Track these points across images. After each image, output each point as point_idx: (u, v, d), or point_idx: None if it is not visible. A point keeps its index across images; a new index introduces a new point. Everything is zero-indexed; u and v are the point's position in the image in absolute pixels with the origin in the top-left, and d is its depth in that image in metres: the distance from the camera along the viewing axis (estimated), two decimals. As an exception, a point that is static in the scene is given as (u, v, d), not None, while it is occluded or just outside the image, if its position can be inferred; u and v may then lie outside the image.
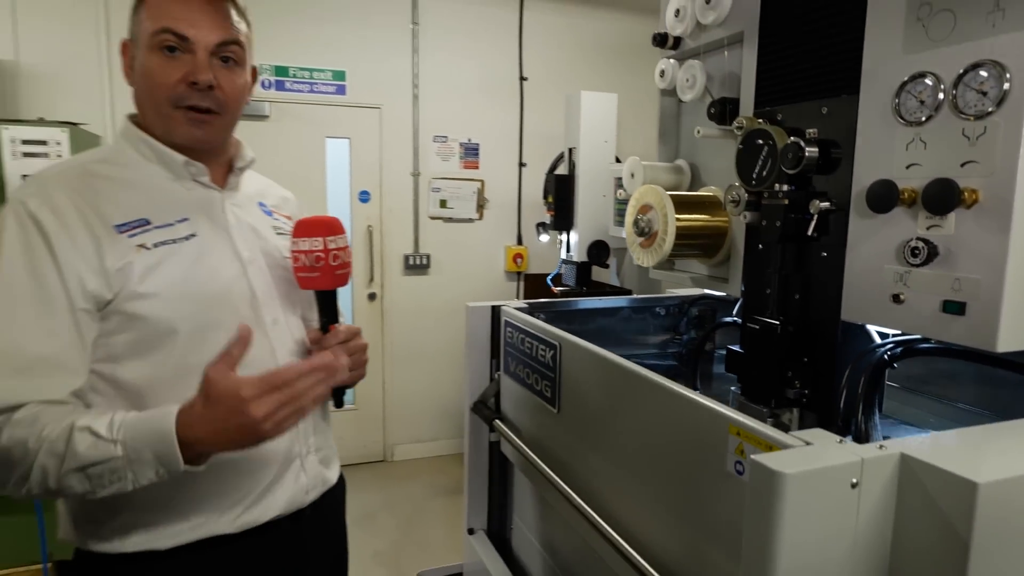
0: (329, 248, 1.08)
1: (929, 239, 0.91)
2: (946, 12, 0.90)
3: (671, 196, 1.32)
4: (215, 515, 1.02)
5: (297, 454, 1.11)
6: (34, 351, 0.91)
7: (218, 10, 1.04)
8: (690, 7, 1.37)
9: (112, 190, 1.02)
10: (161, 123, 1.05)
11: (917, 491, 0.66)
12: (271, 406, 0.85)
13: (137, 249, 0.98)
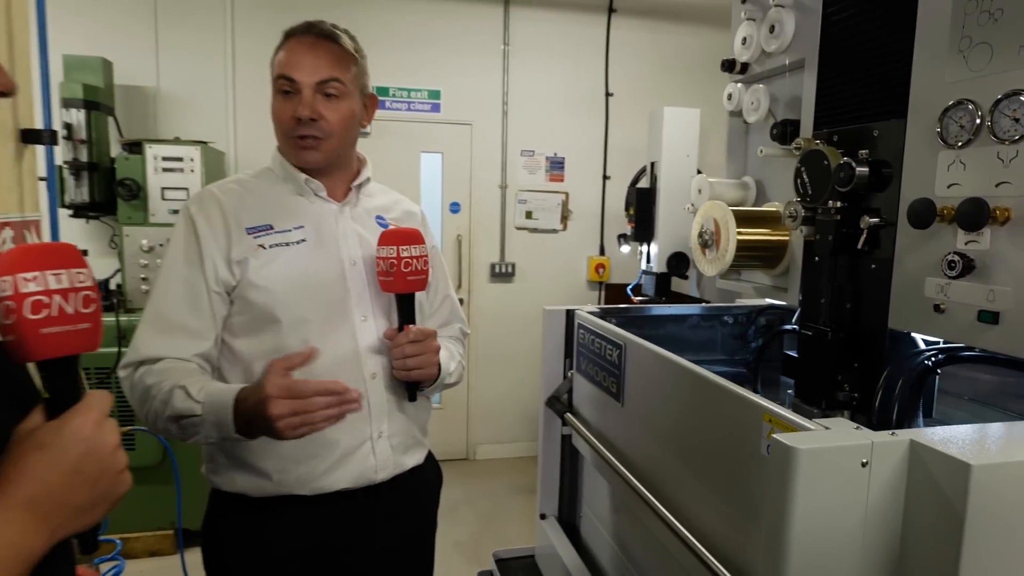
0: (401, 256, 1.23)
1: (966, 253, 0.98)
2: (984, 45, 0.97)
3: (733, 211, 1.43)
4: (291, 479, 1.22)
5: (367, 437, 1.27)
6: (177, 320, 1.18)
7: (320, 55, 1.25)
8: (756, 36, 1.48)
9: (251, 200, 1.27)
10: (286, 150, 1.29)
11: (923, 473, 0.76)
12: (285, 410, 1.03)
13: (256, 248, 1.21)
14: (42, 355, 0.66)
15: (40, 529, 0.60)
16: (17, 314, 0.64)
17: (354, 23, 3.82)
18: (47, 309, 0.65)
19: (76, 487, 0.63)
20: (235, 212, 1.24)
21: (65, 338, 0.66)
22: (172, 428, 1.12)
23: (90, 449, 0.64)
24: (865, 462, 0.76)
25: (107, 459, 0.66)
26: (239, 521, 1.24)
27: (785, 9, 1.38)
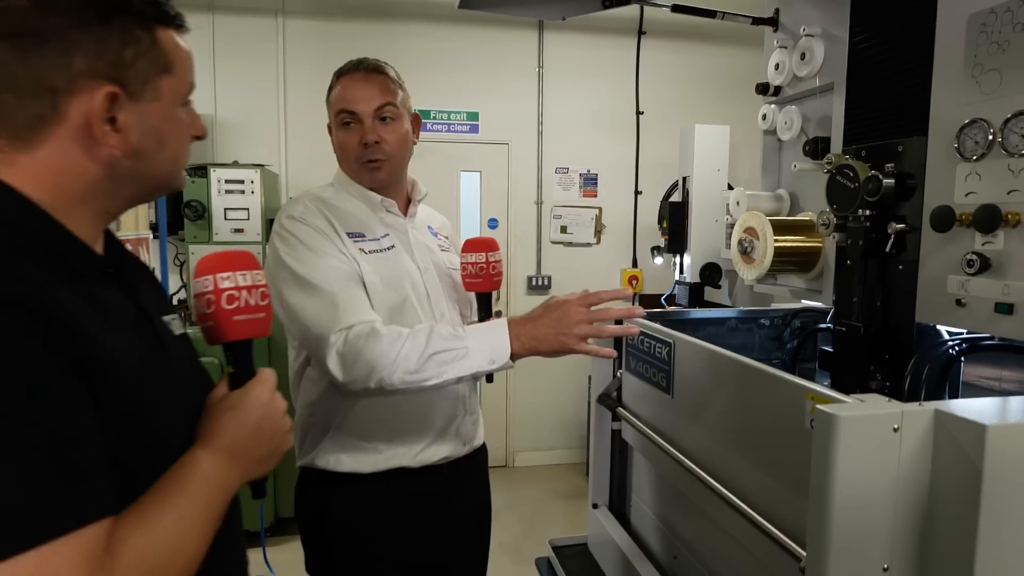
0: (489, 261, 1.45)
1: (983, 253, 1.12)
2: (994, 71, 1.11)
3: (770, 221, 1.57)
4: (400, 452, 1.40)
5: (459, 414, 1.47)
6: (360, 304, 1.32)
7: (372, 85, 1.43)
8: (788, 62, 1.63)
9: (337, 212, 1.43)
10: (355, 174, 1.47)
11: (947, 436, 0.89)
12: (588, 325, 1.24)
13: (360, 251, 1.39)
14: (234, 337, 0.83)
15: (235, 472, 0.77)
16: (216, 305, 0.82)
17: (396, 51, 4.14)
18: (238, 301, 0.82)
19: (258, 441, 0.81)
20: (337, 217, 1.41)
21: (250, 324, 0.84)
22: (430, 369, 1.22)
23: (268, 412, 0.82)
24: (896, 428, 0.90)
25: (279, 421, 0.84)
26: (346, 495, 1.41)
27: (815, 38, 1.53)
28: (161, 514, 0.66)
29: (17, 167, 0.70)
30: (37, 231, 0.70)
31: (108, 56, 0.71)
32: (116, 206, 0.80)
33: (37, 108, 0.70)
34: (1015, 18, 1.07)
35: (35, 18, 0.68)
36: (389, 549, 1.43)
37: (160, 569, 0.64)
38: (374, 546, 1.42)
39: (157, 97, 0.76)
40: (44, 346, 0.60)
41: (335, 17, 4.09)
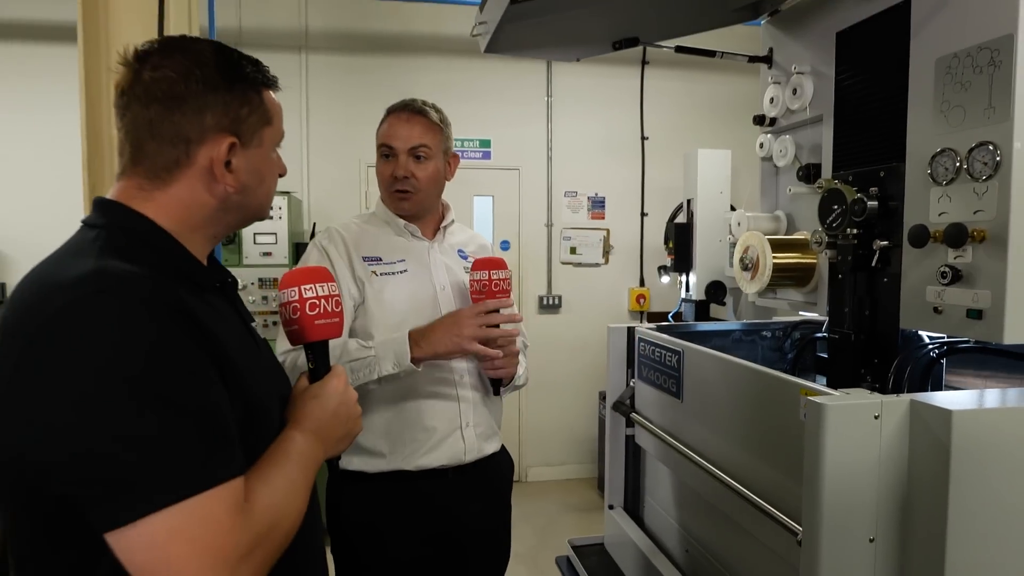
0: (492, 279, 1.58)
1: (955, 265, 1.27)
2: (959, 107, 1.28)
3: (769, 239, 1.73)
4: (399, 458, 1.57)
5: (458, 426, 1.62)
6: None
7: (414, 125, 1.64)
8: (781, 96, 1.79)
9: (363, 237, 1.65)
10: (387, 201, 1.69)
11: (920, 422, 1.04)
12: (477, 327, 1.47)
13: (371, 274, 1.60)
14: (315, 338, 1.00)
15: (320, 448, 0.93)
16: (301, 311, 0.99)
17: (411, 82, 4.40)
18: (318, 308, 0.99)
19: (335, 424, 0.97)
20: (355, 244, 1.63)
21: (328, 327, 1.01)
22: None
23: (343, 400, 0.98)
24: (877, 416, 1.05)
25: (352, 408, 1.00)
26: (356, 491, 1.59)
27: (805, 75, 1.70)
28: (277, 475, 0.82)
29: (153, 202, 0.88)
30: (169, 251, 0.87)
31: (231, 114, 0.89)
32: (221, 232, 0.97)
33: (174, 154, 0.87)
34: (975, 62, 1.24)
35: (180, 86, 0.86)
36: (393, 542, 1.58)
37: (279, 517, 0.80)
38: (380, 538, 1.59)
39: (260, 144, 0.94)
40: (193, 341, 0.76)
41: (355, 52, 4.32)
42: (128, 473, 0.69)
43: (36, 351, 0.72)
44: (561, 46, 1.92)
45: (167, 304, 0.77)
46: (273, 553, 0.79)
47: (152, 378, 0.72)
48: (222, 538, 0.71)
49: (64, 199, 4.00)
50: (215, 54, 0.91)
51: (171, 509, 0.69)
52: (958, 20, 1.27)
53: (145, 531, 0.68)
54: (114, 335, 0.72)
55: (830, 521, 1.06)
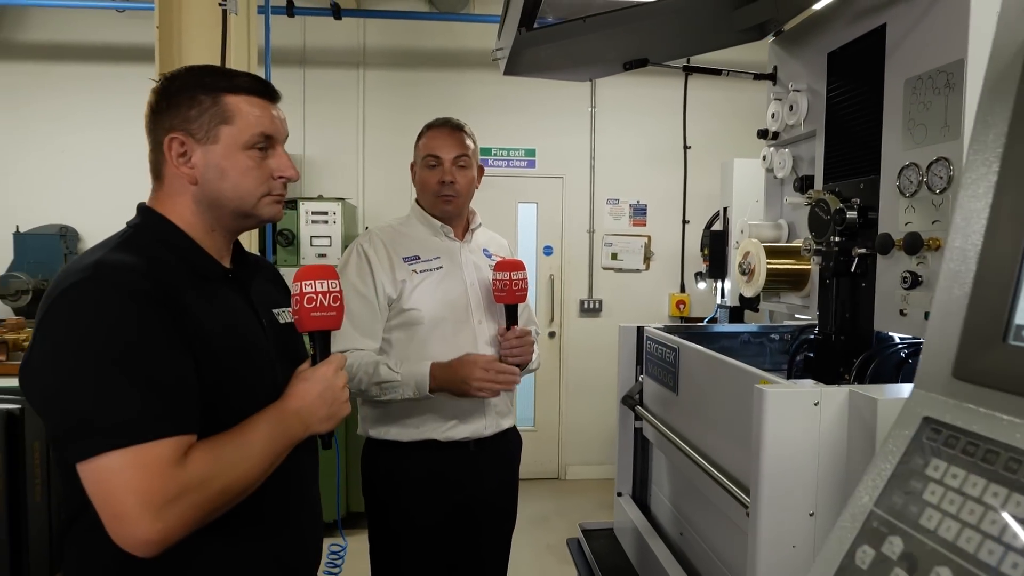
0: (512, 279, 1.79)
1: (915, 272, 1.37)
2: (921, 126, 1.38)
3: (765, 246, 1.84)
4: (431, 428, 1.79)
5: (481, 403, 1.84)
6: (367, 325, 1.75)
7: (455, 138, 1.88)
8: (781, 112, 1.91)
9: (402, 238, 1.87)
10: (430, 204, 1.90)
11: (855, 410, 1.16)
12: (485, 380, 1.65)
13: (411, 272, 1.82)
14: (310, 328, 1.16)
15: (299, 425, 1.09)
16: (300, 304, 1.15)
17: (461, 95, 4.69)
18: (315, 302, 1.15)
19: (319, 405, 1.12)
20: (393, 245, 1.85)
21: (322, 319, 1.16)
22: (374, 390, 1.70)
23: (329, 385, 1.14)
24: (816, 403, 1.17)
25: (337, 393, 1.15)
26: (390, 456, 1.82)
27: (800, 93, 1.81)
28: (228, 443, 0.99)
29: (165, 203, 1.12)
30: (177, 246, 1.08)
31: (180, 115, 1.08)
32: (230, 228, 1.16)
33: (155, 156, 1.10)
34: (934, 84, 1.34)
35: (156, 102, 1.09)
36: (419, 504, 1.81)
37: (213, 477, 0.95)
38: (408, 499, 1.81)
39: (216, 141, 1.09)
40: (161, 323, 0.95)
41: (409, 67, 4.59)
42: (88, 421, 0.89)
43: (43, 325, 0.95)
44: (574, 68, 2.08)
45: (144, 291, 0.96)
46: (207, 503, 0.94)
47: (113, 351, 0.92)
48: (151, 482, 0.88)
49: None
50: (188, 72, 1.11)
51: (114, 452, 0.88)
52: (922, 44, 1.38)
53: (96, 467, 0.88)
54: (94, 316, 0.93)
55: (771, 495, 1.19)
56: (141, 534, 0.87)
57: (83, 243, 4.58)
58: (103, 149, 4.51)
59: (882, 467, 0.67)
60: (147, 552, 0.89)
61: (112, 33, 4.50)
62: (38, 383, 0.94)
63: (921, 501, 0.61)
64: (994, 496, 0.55)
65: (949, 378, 0.65)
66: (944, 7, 1.30)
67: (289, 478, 1.10)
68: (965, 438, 0.60)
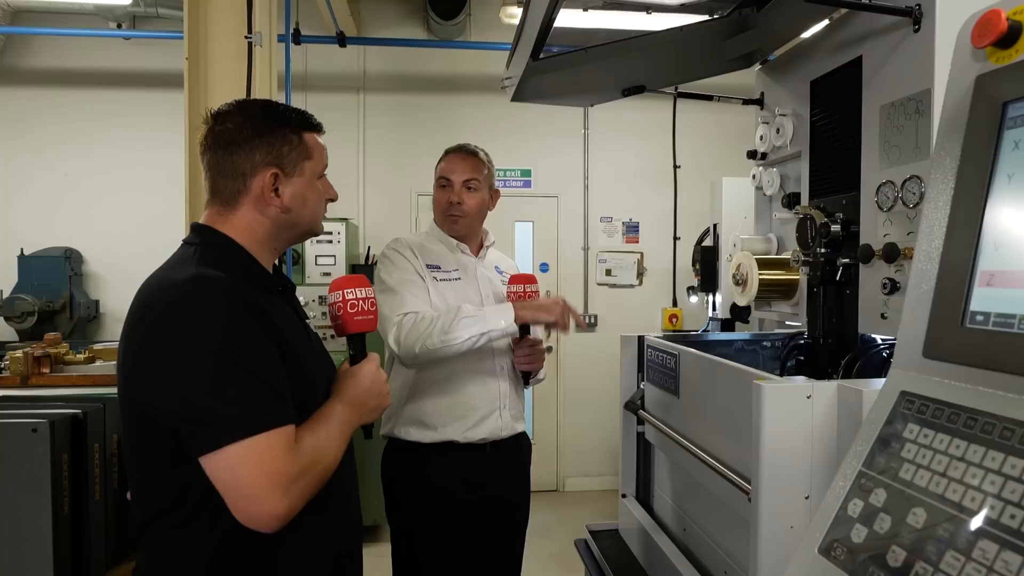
0: (527, 291, 1.96)
1: (893, 278, 1.51)
2: (896, 147, 1.53)
3: (757, 259, 1.99)
4: (450, 430, 1.91)
5: (497, 407, 1.97)
6: (421, 295, 1.90)
7: (467, 163, 2.03)
8: (769, 134, 2.06)
9: (426, 249, 2.02)
10: (440, 222, 2.05)
11: (844, 401, 1.29)
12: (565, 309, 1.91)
13: (433, 279, 1.95)
14: (353, 330, 1.30)
15: (354, 415, 1.23)
16: (343, 309, 1.29)
17: (459, 117, 4.88)
18: (357, 307, 1.30)
19: (368, 397, 1.26)
20: (420, 253, 2.00)
21: (363, 322, 1.31)
22: (456, 326, 1.78)
23: (374, 379, 1.28)
24: (809, 396, 1.30)
25: (381, 385, 1.30)
26: (411, 458, 1.94)
27: (786, 117, 1.97)
28: (320, 429, 1.12)
29: (229, 223, 1.22)
30: (243, 261, 1.20)
31: (274, 151, 1.21)
32: (282, 246, 1.30)
33: (236, 185, 1.20)
34: (906, 110, 1.49)
35: (236, 134, 1.20)
36: (439, 502, 1.92)
37: (318, 460, 1.09)
38: (429, 498, 1.92)
39: (302, 174, 1.24)
40: (262, 328, 1.08)
41: (408, 91, 4.75)
42: (214, 415, 1.00)
43: (157, 333, 1.05)
44: (576, 94, 2.24)
45: (244, 300, 1.09)
46: (315, 482, 1.08)
47: (232, 351, 1.03)
48: (277, 464, 1.01)
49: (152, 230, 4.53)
50: (263, 109, 1.24)
51: (243, 441, 0.99)
52: (895, 75, 1.54)
53: (225, 456, 0.99)
54: (207, 321, 1.04)
55: (770, 481, 1.31)
56: (272, 510, 0.99)
57: (87, 265, 4.66)
58: (107, 173, 4.62)
59: (867, 434, 0.80)
60: (274, 527, 1.01)
61: (117, 60, 4.63)
62: (158, 385, 1.03)
63: (900, 458, 0.74)
64: (957, 448, 0.68)
65: (920, 358, 0.78)
66: (913, 43, 1.46)
67: (339, 469, 1.21)
68: (934, 405, 0.73)
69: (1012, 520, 0.58)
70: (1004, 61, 0.75)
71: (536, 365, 1.99)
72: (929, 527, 0.66)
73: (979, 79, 0.77)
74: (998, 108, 0.74)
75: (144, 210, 4.58)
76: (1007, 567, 0.57)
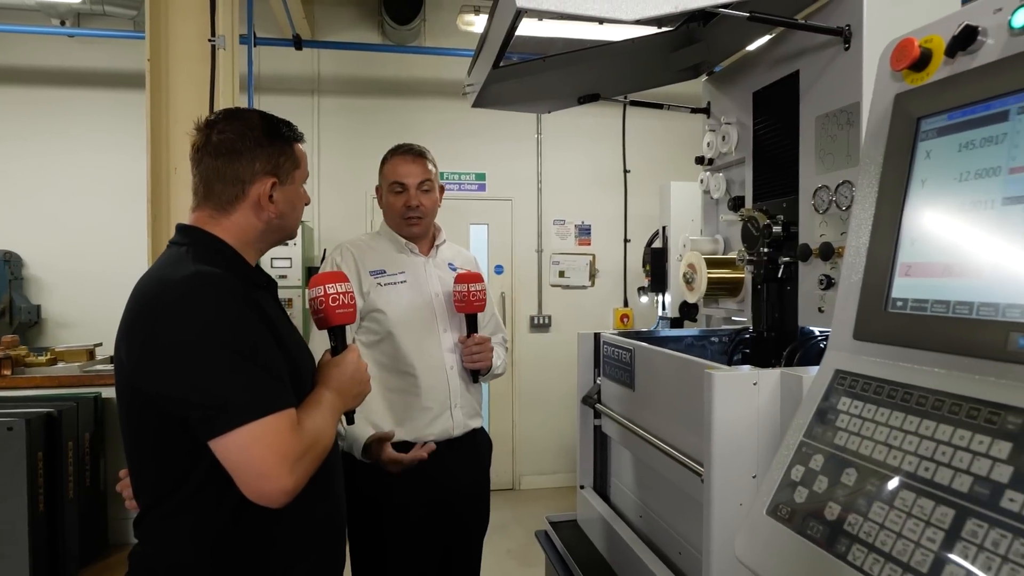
0: (470, 290, 2.01)
1: (829, 275, 1.65)
2: (830, 154, 1.67)
3: (705, 258, 2.11)
4: (403, 431, 1.95)
5: (448, 406, 2.02)
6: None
7: (418, 165, 2.07)
8: (715, 141, 2.20)
9: (369, 253, 2.05)
10: (397, 226, 2.09)
11: (786, 387, 1.41)
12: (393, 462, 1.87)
13: (376, 284, 1.99)
14: (336, 323, 1.38)
15: (340, 401, 1.30)
16: (325, 303, 1.36)
17: (414, 121, 4.94)
18: (339, 300, 1.37)
19: (352, 384, 1.34)
20: (361, 259, 2.03)
21: (345, 315, 1.39)
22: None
23: (357, 367, 1.35)
24: (755, 383, 1.42)
25: (363, 374, 1.37)
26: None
27: (731, 125, 2.10)
28: (316, 412, 1.19)
29: (220, 226, 1.26)
30: (234, 259, 1.25)
31: (272, 161, 1.27)
32: (266, 247, 1.35)
33: (234, 191, 1.26)
34: (838, 121, 1.63)
35: (238, 143, 1.25)
36: (397, 501, 1.96)
37: (318, 439, 1.17)
38: (387, 498, 1.96)
39: (292, 182, 1.32)
40: (258, 319, 1.14)
41: (363, 95, 4.76)
42: (225, 401, 1.06)
43: (163, 326, 1.10)
44: (535, 101, 2.32)
45: (243, 295, 1.15)
46: (316, 460, 1.16)
47: (239, 341, 1.10)
48: (286, 444, 1.08)
49: (97, 233, 4.42)
50: (261, 120, 1.31)
51: (253, 423, 1.06)
52: (828, 88, 1.67)
53: (236, 438, 1.05)
54: (215, 314, 1.10)
55: (721, 463, 1.42)
56: (282, 486, 1.06)
57: (28, 269, 4.51)
58: (49, 174, 4.48)
59: (807, 408, 0.91)
60: (282, 502, 1.08)
61: (60, 58, 4.50)
62: (169, 375, 1.08)
63: (835, 428, 0.85)
64: (881, 415, 0.78)
65: (851, 340, 0.89)
66: (843, 60, 1.60)
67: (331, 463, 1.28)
68: (863, 380, 0.84)
69: (927, 472, 0.69)
70: (918, 82, 0.86)
71: (484, 363, 2.05)
72: (859, 484, 0.76)
73: (897, 97, 0.89)
74: (913, 122, 0.86)
75: (89, 213, 4.47)
76: (923, 511, 0.67)
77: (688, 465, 1.56)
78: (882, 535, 0.69)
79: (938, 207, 0.82)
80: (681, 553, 1.77)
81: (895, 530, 0.68)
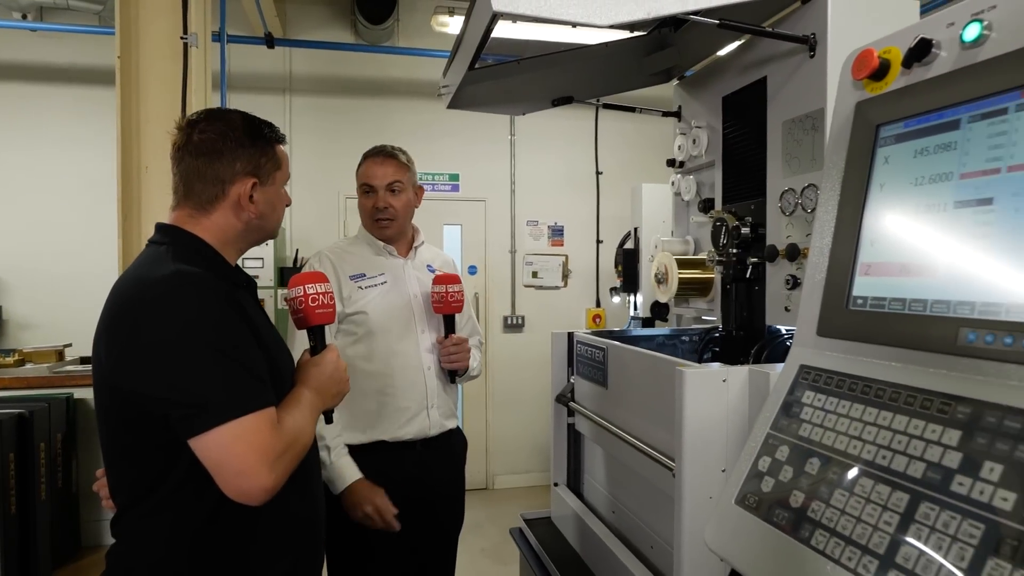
0: (448, 291, 2.03)
1: (795, 275, 1.70)
2: (796, 158, 1.72)
3: (676, 259, 2.16)
4: (379, 431, 1.97)
5: (425, 406, 2.04)
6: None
7: (387, 166, 2.07)
8: (686, 144, 2.25)
9: (348, 258, 2.06)
10: (369, 228, 2.10)
11: (754, 383, 1.45)
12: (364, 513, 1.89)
13: (357, 288, 2.00)
14: (315, 323, 1.39)
15: (319, 400, 1.31)
16: (305, 303, 1.37)
17: (388, 122, 4.95)
18: (318, 300, 1.38)
19: (331, 384, 1.35)
20: (340, 265, 2.03)
21: (324, 315, 1.40)
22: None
23: (336, 367, 1.37)
24: (724, 380, 1.46)
25: (342, 373, 1.38)
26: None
27: (702, 129, 2.15)
28: (295, 411, 1.20)
29: (200, 225, 1.26)
30: (214, 259, 1.26)
31: (253, 162, 1.28)
32: (245, 247, 1.36)
33: (214, 191, 1.26)
34: (804, 126, 1.69)
35: (219, 143, 1.25)
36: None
37: (297, 438, 1.17)
38: None
39: (273, 183, 1.33)
40: (239, 319, 1.15)
41: (335, 94, 4.74)
42: (206, 399, 1.07)
43: (144, 325, 1.10)
44: (510, 103, 2.35)
45: (224, 294, 1.15)
46: (296, 458, 1.17)
47: (220, 341, 1.10)
48: (266, 442, 1.09)
49: (58, 233, 4.34)
50: (242, 121, 1.31)
51: (233, 422, 1.06)
52: (794, 94, 1.73)
53: (216, 436, 1.06)
54: (196, 313, 1.10)
55: (691, 457, 1.46)
56: (262, 484, 1.07)
57: (-12, 268, 4.40)
58: (8, 172, 4.37)
59: (773, 402, 0.95)
60: (262, 500, 1.09)
61: (20, 52, 4.40)
62: (151, 374, 1.08)
63: (799, 420, 0.89)
64: (843, 407, 0.83)
65: (815, 336, 0.93)
66: (809, 67, 1.65)
67: (310, 462, 1.29)
68: (825, 374, 0.88)
69: (884, 460, 0.73)
70: (877, 91, 0.91)
71: (461, 363, 2.07)
72: (822, 473, 0.80)
73: (858, 105, 0.93)
74: (873, 129, 0.90)
75: (51, 212, 4.37)
76: (880, 497, 0.71)
77: (660, 460, 1.60)
78: (843, 520, 0.72)
79: (896, 210, 0.86)
80: (653, 547, 1.81)
81: (855, 515, 0.71)
